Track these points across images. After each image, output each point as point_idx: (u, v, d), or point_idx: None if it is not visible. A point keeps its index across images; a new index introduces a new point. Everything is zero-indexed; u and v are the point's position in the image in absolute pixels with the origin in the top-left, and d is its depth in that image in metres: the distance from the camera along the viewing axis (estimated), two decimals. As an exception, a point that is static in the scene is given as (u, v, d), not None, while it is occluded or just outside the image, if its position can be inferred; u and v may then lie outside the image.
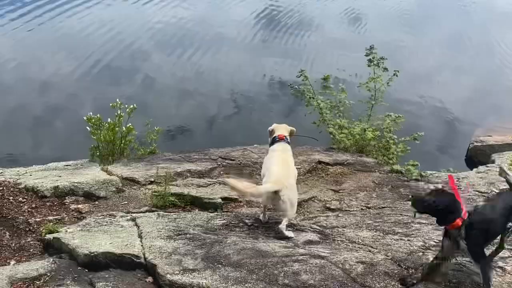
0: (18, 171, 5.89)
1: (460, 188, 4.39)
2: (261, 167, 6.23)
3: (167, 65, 12.89)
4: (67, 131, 9.88)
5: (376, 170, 6.50)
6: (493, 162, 8.38)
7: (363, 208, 5.23)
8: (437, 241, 3.95)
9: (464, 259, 3.42)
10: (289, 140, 4.68)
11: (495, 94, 13.33)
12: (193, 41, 14.29)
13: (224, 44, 14.33)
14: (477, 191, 5.62)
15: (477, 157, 9.85)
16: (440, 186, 4.90)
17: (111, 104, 6.91)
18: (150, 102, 11.23)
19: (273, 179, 4.01)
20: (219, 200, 5.09)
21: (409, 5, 18.91)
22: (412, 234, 4.18)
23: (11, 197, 4.92)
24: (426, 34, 16.49)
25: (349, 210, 5.15)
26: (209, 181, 5.82)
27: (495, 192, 5.46)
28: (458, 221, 3.06)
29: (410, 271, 3.39)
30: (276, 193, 3.91)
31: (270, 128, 4.83)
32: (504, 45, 16.14)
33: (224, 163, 6.48)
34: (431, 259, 3.42)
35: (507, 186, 5.58)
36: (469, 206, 3.40)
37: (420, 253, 3.69)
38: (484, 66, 14.94)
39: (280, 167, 4.20)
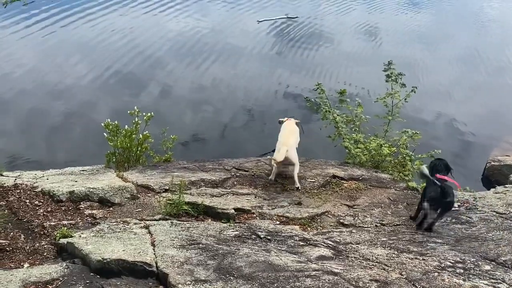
0: (35, 174, 5.96)
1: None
2: (274, 179, 6.26)
3: (184, 75, 13.00)
4: (84, 136, 10.01)
5: (392, 187, 6.43)
6: (511, 182, 8.24)
7: (378, 225, 5.16)
8: (453, 261, 3.88)
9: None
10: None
11: (512, 113, 13.16)
12: (210, 51, 14.42)
13: (240, 55, 14.44)
14: (494, 211, 5.51)
15: (494, 177, 9.69)
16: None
17: (129, 112, 6.99)
18: (165, 110, 11.33)
19: (282, 142, 6.19)
20: (232, 211, 5.08)
21: (425, 21, 18.87)
22: (427, 253, 4.10)
23: (28, 200, 4.98)
24: (443, 50, 16.40)
25: (363, 227, 5.09)
26: (222, 191, 5.82)
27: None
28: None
29: None
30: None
31: (280, 119, 7.02)
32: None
33: (238, 174, 6.48)
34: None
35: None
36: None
37: (436, 274, 3.61)
38: (502, 85, 14.76)
39: (285, 136, 6.40)
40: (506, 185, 7.21)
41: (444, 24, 19.03)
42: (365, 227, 5.05)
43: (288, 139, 6.29)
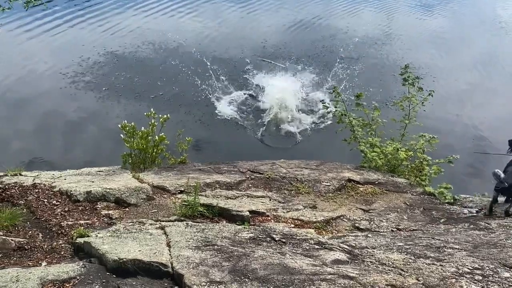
0: (53, 174, 6.06)
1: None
2: (289, 182, 6.26)
3: (199, 78, 13.08)
4: (101, 137, 10.14)
5: (408, 191, 6.36)
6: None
7: (394, 229, 5.11)
8: (471, 268, 3.82)
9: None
10: None
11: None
12: (225, 52, 14.51)
13: (253, 55, 14.50)
14: (514, 218, 5.41)
15: (513, 183, 9.50)
16: None
17: (145, 114, 7.06)
18: (181, 113, 11.42)
19: None
20: (247, 213, 5.08)
21: (443, 25, 18.67)
22: (445, 259, 4.04)
23: (46, 200, 5.06)
24: (460, 54, 16.20)
25: (379, 231, 5.04)
26: (237, 193, 5.82)
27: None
28: None
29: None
30: None
31: None
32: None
33: (253, 176, 6.48)
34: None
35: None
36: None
37: (453, 280, 3.55)
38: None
39: None
40: (526, 191, 7.05)
41: (459, 26, 18.81)
42: (381, 232, 5.00)
43: None
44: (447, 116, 12.44)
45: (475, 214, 5.67)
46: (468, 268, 3.81)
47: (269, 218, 5.22)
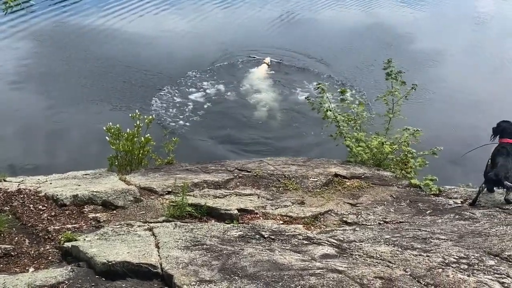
0: (38, 179, 5.99)
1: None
2: (277, 179, 6.29)
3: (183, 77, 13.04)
4: (87, 140, 10.05)
5: (394, 184, 6.44)
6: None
7: (381, 222, 5.17)
8: (457, 257, 3.89)
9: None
10: None
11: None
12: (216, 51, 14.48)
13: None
14: (497, 207, 5.51)
15: (497, 173, 9.66)
16: None
17: (130, 115, 7.02)
18: (166, 114, 11.38)
19: None
20: (235, 211, 5.10)
21: (424, 18, 18.88)
22: (431, 250, 4.10)
23: (31, 205, 5.00)
24: (444, 45, 16.37)
25: (366, 225, 5.10)
26: (225, 192, 5.83)
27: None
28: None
29: (430, 288, 3.33)
30: None
31: None
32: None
33: (241, 175, 6.49)
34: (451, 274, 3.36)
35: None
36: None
37: (440, 270, 3.61)
38: (505, 82, 14.74)
39: None
40: (509, 181, 7.19)
41: (442, 20, 19.05)
42: (368, 225, 5.06)
43: None
44: (432, 109, 12.60)
45: (460, 204, 5.76)
46: (454, 258, 3.88)
47: (258, 215, 5.24)
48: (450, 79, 14.27)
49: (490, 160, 5.62)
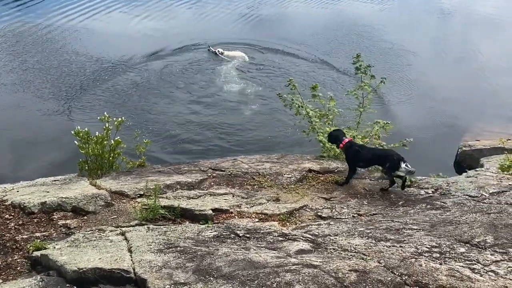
0: (4, 187, 5.80)
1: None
2: (251, 177, 6.26)
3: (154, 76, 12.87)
4: (56, 145, 9.79)
5: (367, 177, 6.51)
6: (481, 166, 8.45)
7: (355, 215, 5.21)
8: (429, 246, 3.95)
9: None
10: None
11: (481, 99, 13.50)
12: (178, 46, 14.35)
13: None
14: (467, 195, 5.64)
15: (465, 162, 9.92)
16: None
17: (99, 118, 6.86)
18: (139, 115, 11.21)
19: None
20: (210, 212, 5.05)
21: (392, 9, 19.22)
22: (404, 240, 4.16)
23: (-3, 215, 4.83)
24: (410, 38, 16.67)
25: (340, 218, 5.14)
26: (199, 192, 5.77)
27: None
28: (341, 145, 6.23)
29: (404, 278, 3.37)
30: None
31: None
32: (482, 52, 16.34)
33: (215, 174, 6.44)
34: None
35: (495, 190, 5.65)
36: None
37: (413, 259, 3.67)
38: (469, 71, 15.14)
39: None
40: (477, 169, 7.39)
41: (407, 13, 19.41)
42: (343, 219, 5.09)
43: None
44: (402, 101, 12.82)
45: (431, 194, 5.87)
46: (427, 247, 3.95)
47: (233, 214, 5.21)
48: (417, 71, 14.55)
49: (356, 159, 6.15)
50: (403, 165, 5.66)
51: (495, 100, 13.32)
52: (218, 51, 13.87)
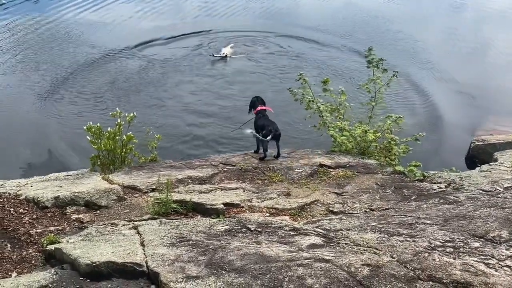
0: (18, 182, 5.87)
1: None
2: (262, 172, 6.25)
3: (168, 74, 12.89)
4: (68, 141, 9.86)
5: (379, 172, 6.47)
6: (495, 160, 8.33)
7: (367, 210, 5.19)
8: (443, 241, 3.92)
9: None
10: None
11: (494, 93, 13.29)
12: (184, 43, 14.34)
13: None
14: (481, 189, 5.58)
15: (479, 156, 9.78)
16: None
17: (111, 113, 6.91)
18: (150, 111, 11.24)
19: None
20: (221, 206, 5.06)
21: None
22: (417, 235, 4.13)
23: (12, 209, 4.90)
24: (422, 33, 16.45)
25: (352, 213, 5.11)
26: (210, 187, 5.79)
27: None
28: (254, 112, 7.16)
29: (417, 272, 3.34)
30: None
31: None
32: (497, 46, 16.08)
33: (225, 169, 6.45)
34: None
35: (510, 184, 5.57)
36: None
37: (426, 254, 3.63)
38: (481, 66, 14.91)
39: None
40: (491, 163, 7.29)
41: (422, 7, 19.15)
42: (355, 214, 5.07)
43: None
44: (415, 95, 12.67)
45: (444, 189, 5.82)
46: (440, 242, 3.91)
47: (244, 209, 5.21)
48: (429, 65, 14.37)
49: (255, 126, 7.02)
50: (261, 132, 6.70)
51: (508, 95, 13.10)
52: (223, 53, 13.61)
